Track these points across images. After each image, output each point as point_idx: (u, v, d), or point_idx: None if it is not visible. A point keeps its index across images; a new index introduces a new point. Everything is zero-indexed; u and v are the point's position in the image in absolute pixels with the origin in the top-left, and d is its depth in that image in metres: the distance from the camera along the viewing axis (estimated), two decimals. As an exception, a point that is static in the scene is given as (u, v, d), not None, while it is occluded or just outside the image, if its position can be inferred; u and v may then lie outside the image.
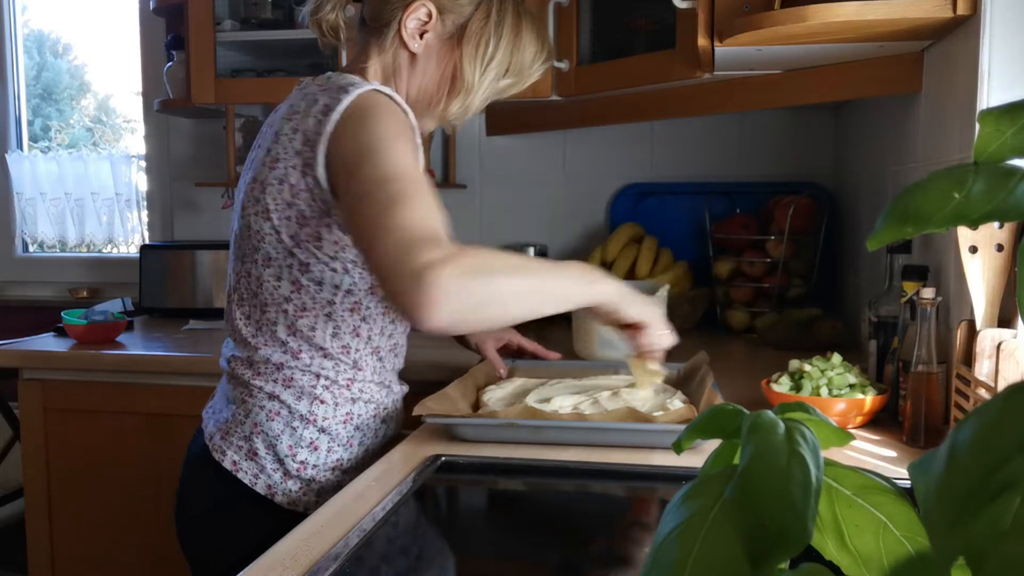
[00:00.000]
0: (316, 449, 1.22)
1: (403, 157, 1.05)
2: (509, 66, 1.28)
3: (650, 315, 1.17)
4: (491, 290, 0.98)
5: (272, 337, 1.21)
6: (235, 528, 1.24)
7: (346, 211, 1.09)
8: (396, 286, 0.95)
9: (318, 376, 1.21)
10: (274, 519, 1.19)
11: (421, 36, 1.23)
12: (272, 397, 1.21)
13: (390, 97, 1.15)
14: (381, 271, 0.98)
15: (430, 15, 1.22)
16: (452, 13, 1.23)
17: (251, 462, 1.21)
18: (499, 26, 1.24)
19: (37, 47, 3.32)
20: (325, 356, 1.21)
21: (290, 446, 1.21)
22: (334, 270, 1.17)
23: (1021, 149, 0.34)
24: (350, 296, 1.19)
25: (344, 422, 1.23)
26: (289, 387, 1.21)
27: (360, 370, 1.24)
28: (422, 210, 1.00)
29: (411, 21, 1.22)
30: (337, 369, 1.22)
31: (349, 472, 1.24)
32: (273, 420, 1.21)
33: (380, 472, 1.10)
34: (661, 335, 1.19)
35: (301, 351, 1.21)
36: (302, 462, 1.21)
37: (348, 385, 1.23)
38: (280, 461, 1.21)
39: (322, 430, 1.22)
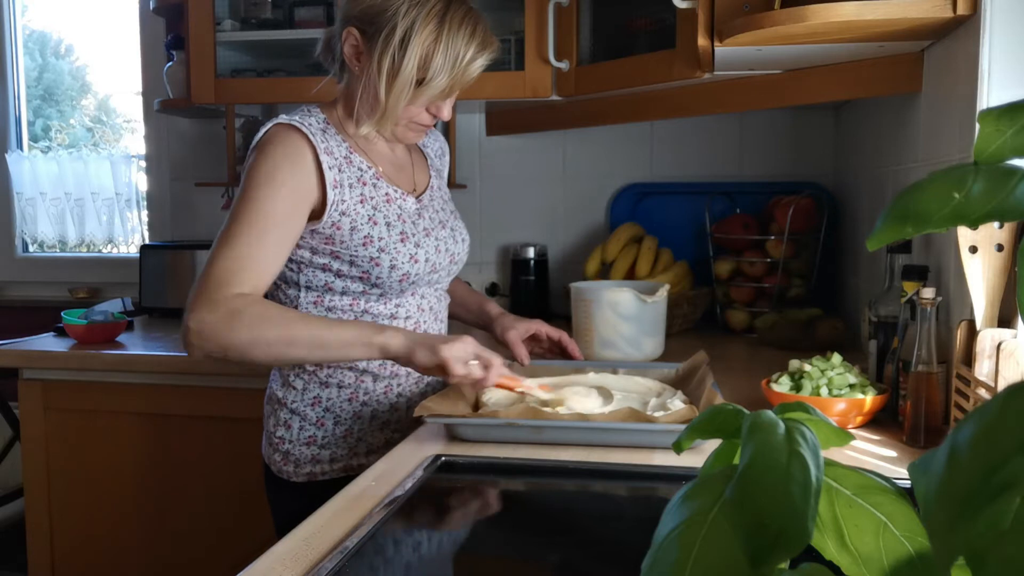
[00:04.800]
0: (289, 428, 1.42)
1: (260, 200, 1.25)
2: (430, 70, 1.30)
3: (445, 355, 1.21)
4: (248, 338, 1.20)
5: None
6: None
7: None
8: (184, 314, 1.23)
9: (293, 366, 1.40)
10: (273, 484, 1.45)
11: (359, 59, 1.34)
12: (269, 388, 1.47)
13: (293, 127, 1.30)
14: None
15: (357, 39, 1.33)
16: (371, 34, 1.31)
17: (264, 440, 1.47)
18: (405, 36, 1.29)
19: (40, 49, 3.32)
20: None
21: (273, 424, 1.44)
22: (291, 270, 1.36)
23: (1021, 149, 0.34)
24: (311, 292, 1.37)
25: (312, 404, 1.41)
26: (276, 378, 1.45)
27: None
28: (234, 252, 1.23)
29: (346, 48, 1.35)
30: None
31: (326, 447, 1.41)
32: (266, 405, 1.47)
33: (380, 472, 1.10)
34: (469, 372, 1.23)
35: None
36: (280, 438, 1.43)
37: (316, 371, 1.40)
38: (268, 437, 1.45)
39: (292, 411, 1.41)
